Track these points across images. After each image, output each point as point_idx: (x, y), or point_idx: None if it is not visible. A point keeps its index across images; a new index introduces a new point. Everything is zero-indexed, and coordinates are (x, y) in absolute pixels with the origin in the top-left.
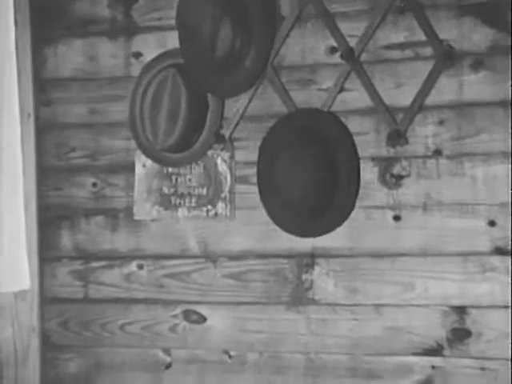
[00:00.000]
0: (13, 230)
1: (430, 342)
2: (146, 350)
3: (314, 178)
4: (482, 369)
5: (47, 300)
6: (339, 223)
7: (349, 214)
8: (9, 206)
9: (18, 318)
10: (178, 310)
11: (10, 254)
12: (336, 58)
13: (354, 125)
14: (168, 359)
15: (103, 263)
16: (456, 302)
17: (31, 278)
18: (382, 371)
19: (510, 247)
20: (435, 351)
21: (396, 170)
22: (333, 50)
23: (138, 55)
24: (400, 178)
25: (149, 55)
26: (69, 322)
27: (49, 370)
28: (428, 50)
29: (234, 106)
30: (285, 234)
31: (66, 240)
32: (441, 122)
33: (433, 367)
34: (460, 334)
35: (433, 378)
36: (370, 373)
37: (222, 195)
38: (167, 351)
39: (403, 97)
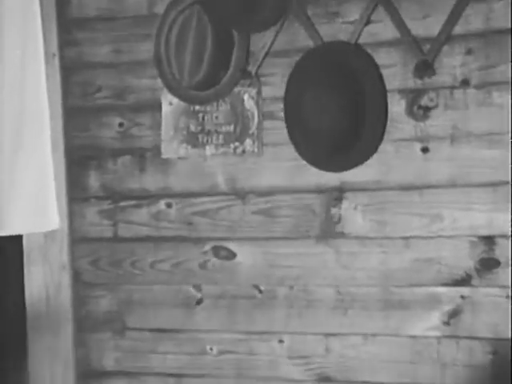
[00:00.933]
0: (41, 171)
1: (459, 273)
2: (176, 286)
3: (341, 112)
4: (508, 297)
5: (77, 239)
6: (367, 157)
7: (377, 147)
8: (36, 148)
9: (48, 258)
10: (208, 247)
11: (38, 195)
12: None
13: (380, 57)
14: (199, 295)
15: (132, 202)
16: (484, 232)
17: (60, 218)
18: (411, 302)
19: None
20: (464, 281)
21: (423, 101)
22: None
23: None
24: (427, 109)
25: None
26: (99, 261)
27: (80, 308)
28: None
29: (260, 42)
30: (313, 169)
31: (93, 180)
32: (468, 52)
33: (462, 297)
34: (488, 264)
35: (462, 308)
36: (400, 304)
37: (250, 132)
38: (198, 287)
39: (430, 27)
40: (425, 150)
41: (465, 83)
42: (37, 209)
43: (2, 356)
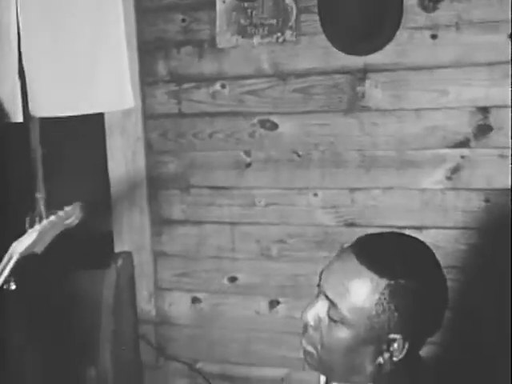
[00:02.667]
0: (118, 60)
1: (460, 137)
2: (230, 152)
3: (365, 5)
4: (501, 156)
5: (148, 116)
6: (386, 43)
7: (394, 34)
8: (113, 42)
9: (125, 131)
10: (255, 120)
11: (117, 80)
12: None
13: None
14: (248, 159)
15: (193, 84)
16: (481, 104)
17: (135, 98)
18: (420, 162)
19: None
20: (463, 144)
21: None
22: None
23: None
24: (436, 2)
25: None
26: (167, 133)
27: (153, 171)
28: None
29: None
30: (341, 54)
31: (161, 67)
32: None
33: (461, 157)
34: (484, 129)
35: (461, 166)
36: (411, 164)
37: (289, 24)
38: (248, 153)
39: None
40: (434, 36)
41: None
42: (115, 91)
43: (91, 211)
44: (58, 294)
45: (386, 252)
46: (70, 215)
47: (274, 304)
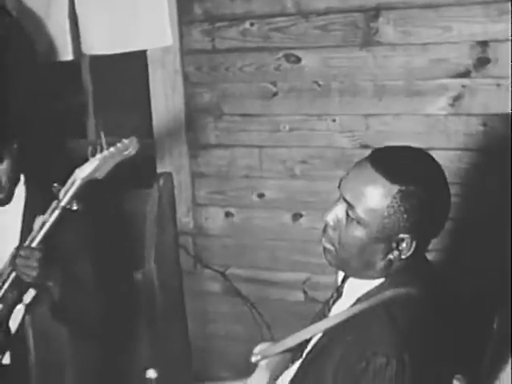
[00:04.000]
0: (158, 1)
1: (461, 68)
2: (258, 83)
3: None
4: (497, 85)
5: (186, 52)
6: None
7: None
8: None
9: (165, 66)
10: (280, 54)
11: (157, 20)
12: None
13: None
14: (274, 90)
15: (225, 23)
16: (481, 38)
17: (173, 36)
18: (427, 91)
19: None
20: (465, 74)
21: None
22: None
23: None
24: None
25: None
26: (202, 67)
27: (190, 101)
28: None
29: None
30: None
31: (197, 8)
32: None
33: (463, 86)
34: (483, 61)
35: (462, 94)
36: (418, 92)
37: None
38: (274, 84)
39: None
40: None
41: None
42: (156, 30)
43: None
44: (112, 210)
45: (398, 161)
46: (128, 147)
47: (297, 217)
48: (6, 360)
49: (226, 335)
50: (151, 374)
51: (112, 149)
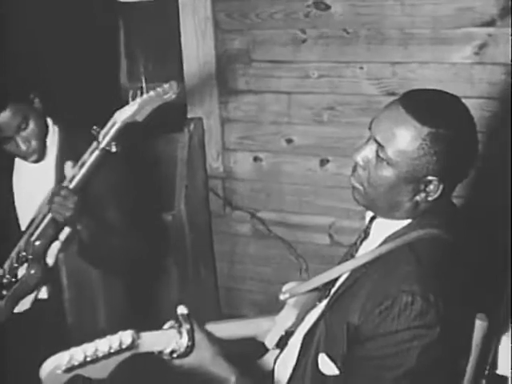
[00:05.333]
0: None
1: (487, 18)
2: (288, 30)
3: None
4: None
5: None
6: None
7: None
8: None
9: (196, 12)
10: (310, 1)
11: None
12: None
13: None
14: (303, 36)
15: None
16: None
17: None
18: (452, 39)
19: None
20: (490, 23)
21: None
22: None
23: None
24: None
25: None
26: (233, 13)
27: (220, 47)
28: None
29: None
30: None
31: None
32: None
33: (488, 35)
34: (507, 11)
35: (488, 43)
36: (444, 41)
37: None
38: (303, 31)
39: None
40: None
41: None
42: None
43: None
44: (145, 154)
45: (429, 104)
46: (168, 91)
47: (324, 162)
48: (43, 295)
49: (253, 276)
50: (182, 310)
51: (152, 93)
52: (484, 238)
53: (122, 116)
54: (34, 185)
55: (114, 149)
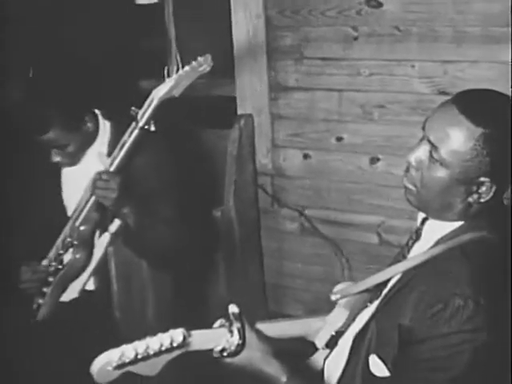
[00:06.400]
0: None
1: None
2: (339, 27)
3: None
4: None
5: None
6: None
7: None
8: None
9: (248, 8)
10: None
11: None
12: None
13: None
14: (355, 34)
15: None
16: None
17: None
18: (503, 38)
19: None
20: None
21: None
22: None
23: None
24: None
25: None
26: (285, 10)
27: (271, 44)
28: None
29: None
30: None
31: None
32: None
33: None
34: None
35: None
36: (496, 39)
37: None
38: (355, 28)
39: None
40: None
41: None
42: None
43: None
44: (196, 149)
45: (483, 104)
46: (202, 64)
47: (374, 160)
48: (90, 286)
49: (301, 274)
50: (233, 308)
51: (187, 67)
52: None
53: (159, 93)
54: (84, 179)
55: (152, 128)
